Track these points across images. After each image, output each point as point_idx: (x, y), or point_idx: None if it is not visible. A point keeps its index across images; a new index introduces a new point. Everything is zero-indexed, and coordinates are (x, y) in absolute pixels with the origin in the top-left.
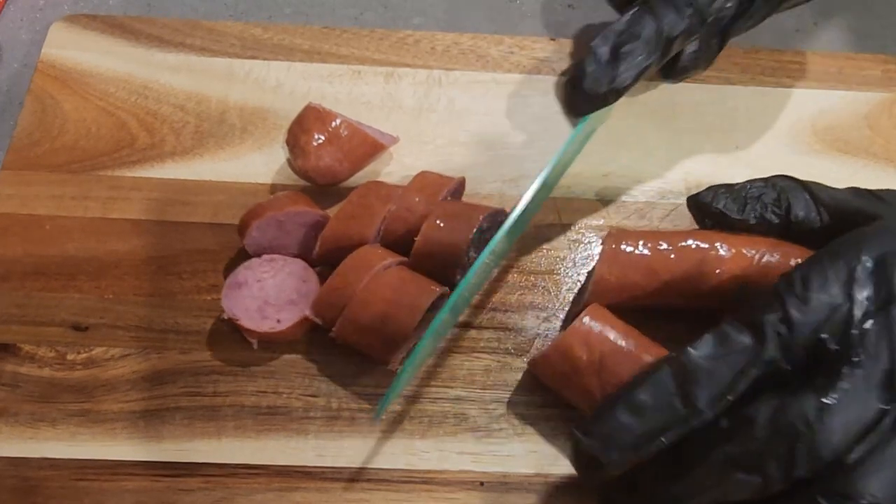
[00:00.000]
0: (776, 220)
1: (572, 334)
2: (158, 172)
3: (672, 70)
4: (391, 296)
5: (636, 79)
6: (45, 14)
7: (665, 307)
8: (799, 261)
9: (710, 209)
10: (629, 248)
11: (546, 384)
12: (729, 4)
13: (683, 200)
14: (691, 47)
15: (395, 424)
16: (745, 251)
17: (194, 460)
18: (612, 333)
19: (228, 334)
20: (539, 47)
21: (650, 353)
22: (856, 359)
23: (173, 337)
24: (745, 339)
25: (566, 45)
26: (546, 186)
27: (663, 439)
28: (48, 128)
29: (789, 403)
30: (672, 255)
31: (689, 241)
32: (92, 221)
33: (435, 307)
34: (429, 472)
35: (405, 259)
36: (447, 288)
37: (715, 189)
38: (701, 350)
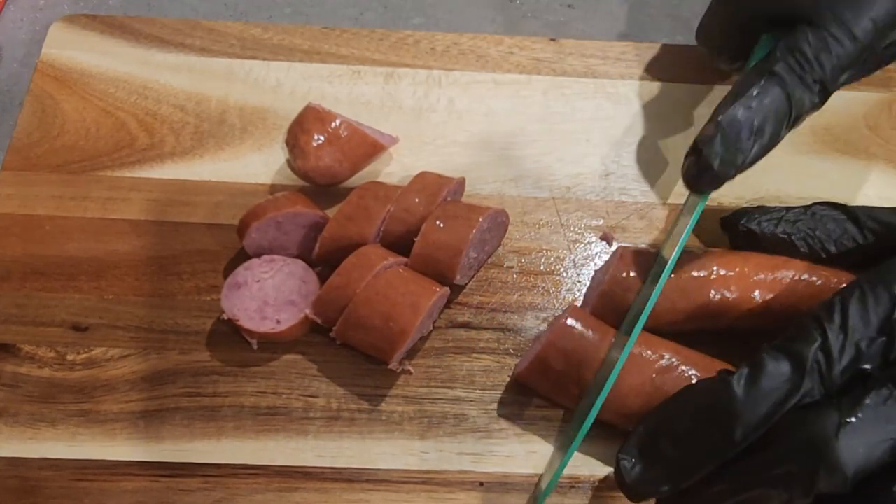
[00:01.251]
0: (804, 251)
1: (547, 348)
2: (158, 173)
3: None
4: (393, 295)
5: (763, 155)
6: (45, 14)
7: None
8: (807, 277)
9: (740, 230)
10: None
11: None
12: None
13: (683, 201)
14: None
15: (394, 425)
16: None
17: (194, 461)
18: (589, 337)
19: (228, 335)
20: (539, 47)
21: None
22: (884, 381)
23: (173, 337)
24: (784, 370)
25: (566, 45)
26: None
27: (703, 469)
28: (48, 128)
29: (812, 420)
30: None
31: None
32: (92, 222)
33: (436, 307)
34: (428, 472)
35: (406, 259)
36: (447, 288)
37: (752, 212)
38: (738, 382)
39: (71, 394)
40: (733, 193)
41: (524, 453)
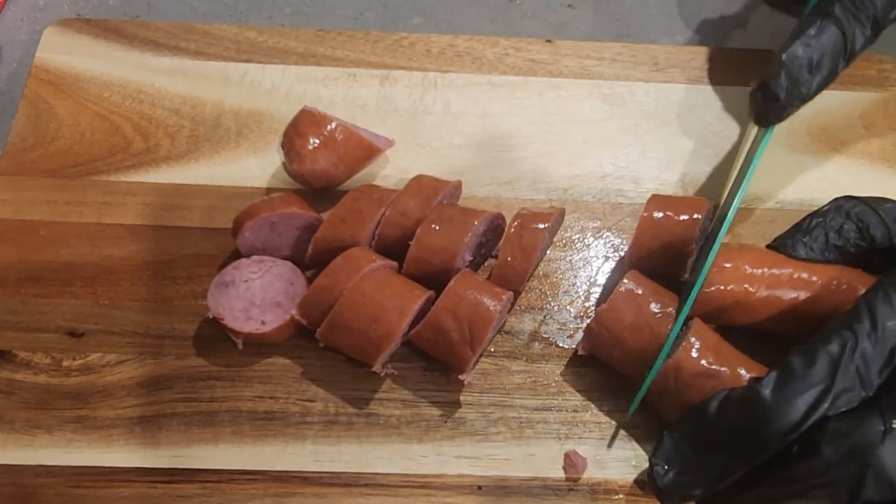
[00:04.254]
0: (856, 251)
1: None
2: (153, 177)
3: None
4: (379, 298)
5: (823, 87)
6: (45, 14)
7: None
8: (799, 275)
9: (792, 257)
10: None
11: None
12: None
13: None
14: None
15: (392, 429)
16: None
17: (191, 466)
18: (653, 297)
19: (225, 339)
20: (535, 49)
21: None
22: None
23: (169, 342)
24: (813, 372)
25: (562, 46)
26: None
27: (737, 473)
28: (42, 133)
29: (855, 426)
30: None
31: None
32: (87, 227)
33: (423, 311)
34: (427, 476)
35: (394, 263)
36: (432, 292)
37: (791, 236)
38: (768, 387)
39: (67, 400)
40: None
41: (522, 456)
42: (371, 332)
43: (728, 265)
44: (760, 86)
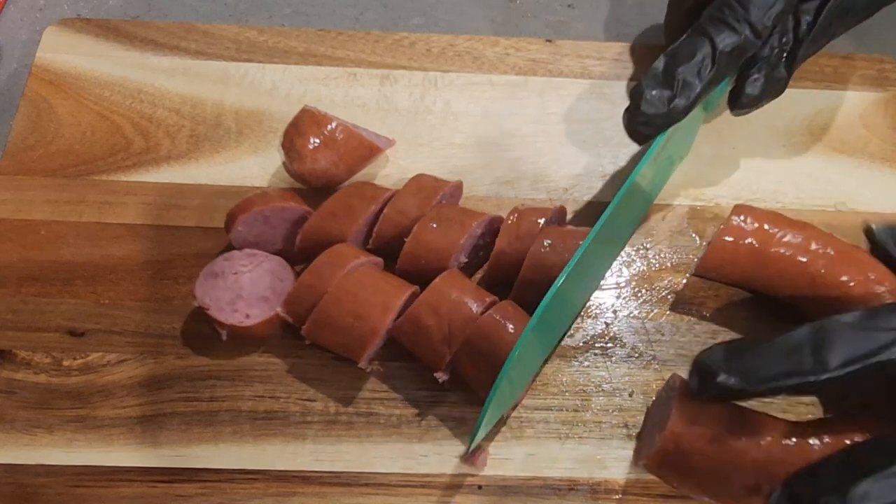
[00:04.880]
0: None
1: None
2: (154, 176)
3: (737, 101)
4: (364, 294)
5: (695, 99)
6: (45, 14)
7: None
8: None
9: (888, 253)
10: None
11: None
12: (780, 31)
13: (680, 202)
14: (755, 76)
15: (392, 428)
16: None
17: (192, 466)
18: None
19: (226, 339)
20: (535, 49)
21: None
22: None
23: (170, 342)
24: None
25: (562, 46)
26: (623, 214)
27: (788, 384)
28: (43, 132)
29: None
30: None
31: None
32: (87, 226)
33: (408, 307)
34: (427, 475)
35: (379, 259)
36: (417, 287)
37: (893, 230)
38: (846, 318)
39: (67, 399)
40: (731, 194)
41: (523, 456)
42: (356, 329)
43: (745, 219)
44: (629, 101)
